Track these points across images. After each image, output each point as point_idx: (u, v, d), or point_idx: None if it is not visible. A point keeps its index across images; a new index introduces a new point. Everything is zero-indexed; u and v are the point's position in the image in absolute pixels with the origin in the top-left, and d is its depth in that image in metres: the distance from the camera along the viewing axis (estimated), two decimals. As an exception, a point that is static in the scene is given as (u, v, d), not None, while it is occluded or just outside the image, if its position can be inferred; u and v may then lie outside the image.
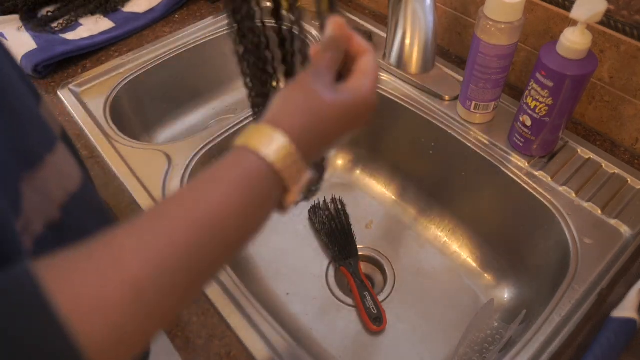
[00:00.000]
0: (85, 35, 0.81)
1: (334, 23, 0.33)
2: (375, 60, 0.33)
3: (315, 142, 0.30)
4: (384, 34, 0.82)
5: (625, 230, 0.56)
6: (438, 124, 0.69)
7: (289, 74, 0.38)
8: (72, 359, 0.21)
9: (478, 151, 0.65)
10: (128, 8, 0.88)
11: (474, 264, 0.71)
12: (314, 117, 0.30)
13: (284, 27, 0.36)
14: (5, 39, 0.80)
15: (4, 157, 0.27)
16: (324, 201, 0.76)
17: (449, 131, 0.68)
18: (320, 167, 0.42)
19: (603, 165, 0.62)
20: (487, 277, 0.70)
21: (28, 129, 0.30)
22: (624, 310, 0.47)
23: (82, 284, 0.22)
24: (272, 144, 0.28)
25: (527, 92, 0.58)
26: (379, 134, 0.79)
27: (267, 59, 0.37)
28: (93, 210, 0.37)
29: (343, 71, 0.34)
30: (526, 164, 0.62)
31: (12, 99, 0.29)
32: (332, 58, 0.32)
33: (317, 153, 0.31)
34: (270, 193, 0.28)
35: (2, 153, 0.27)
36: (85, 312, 0.21)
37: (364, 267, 0.72)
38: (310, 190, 0.44)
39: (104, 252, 0.24)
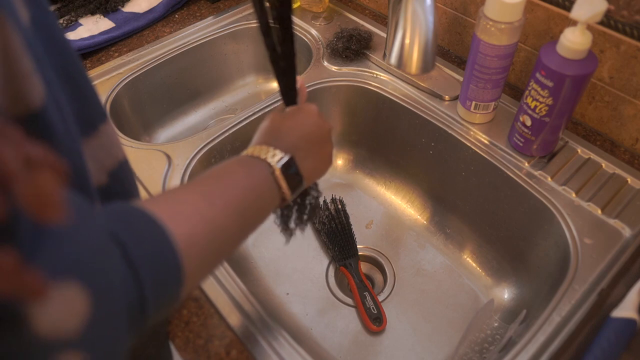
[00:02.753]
0: (85, 35, 0.81)
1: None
2: (312, 107, 0.46)
3: (282, 137, 0.41)
4: (384, 34, 0.82)
5: (625, 230, 0.56)
6: (438, 124, 0.69)
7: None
8: (168, 246, 0.28)
9: (478, 151, 0.65)
10: (128, 8, 0.88)
11: (474, 264, 0.71)
12: (272, 125, 0.43)
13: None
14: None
15: (71, 122, 0.29)
16: (324, 201, 0.76)
17: (449, 131, 0.68)
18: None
19: (603, 165, 0.62)
20: (487, 277, 0.70)
21: (87, 99, 0.33)
22: (624, 310, 0.47)
23: (174, 209, 0.31)
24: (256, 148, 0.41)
25: (527, 92, 0.58)
26: (379, 134, 0.79)
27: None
28: (132, 179, 0.40)
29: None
30: (526, 164, 0.62)
31: (76, 71, 0.32)
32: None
33: (290, 142, 0.41)
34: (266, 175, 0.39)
35: (70, 118, 0.29)
36: (177, 219, 0.30)
37: (364, 267, 0.72)
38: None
39: (179, 199, 0.33)
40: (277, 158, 0.39)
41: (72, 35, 0.81)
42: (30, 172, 0.18)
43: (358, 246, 0.72)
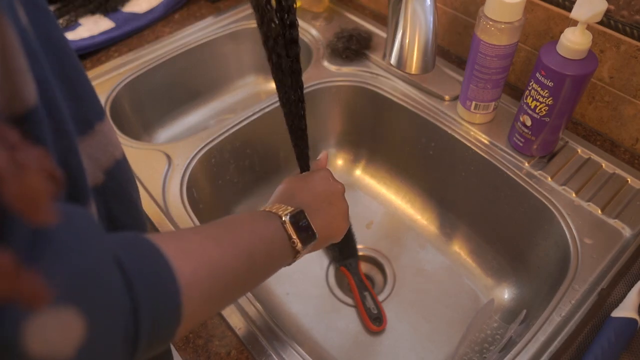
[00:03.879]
0: (85, 35, 0.81)
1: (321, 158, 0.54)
2: (324, 171, 0.51)
3: (294, 196, 0.45)
4: (384, 34, 0.82)
5: (625, 230, 0.56)
6: (438, 124, 0.69)
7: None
8: (170, 282, 0.28)
9: (478, 151, 0.65)
10: (128, 8, 0.88)
11: (474, 264, 0.71)
12: (286, 187, 0.47)
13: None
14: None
15: (67, 121, 0.29)
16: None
17: (449, 131, 0.68)
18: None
19: (603, 165, 0.62)
20: (487, 277, 0.70)
21: (83, 97, 0.33)
22: (624, 310, 0.47)
23: (183, 246, 0.31)
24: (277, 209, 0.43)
25: (527, 92, 0.58)
26: (379, 134, 0.79)
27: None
28: (131, 177, 0.40)
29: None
30: (526, 164, 0.62)
31: (71, 69, 0.31)
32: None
33: (301, 200, 0.45)
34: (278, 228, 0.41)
35: (66, 117, 0.29)
36: (183, 258, 0.30)
37: (364, 267, 0.72)
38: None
39: (192, 237, 0.33)
40: (287, 211, 0.42)
41: (71, 35, 0.81)
42: (20, 172, 0.18)
43: (358, 246, 0.72)
